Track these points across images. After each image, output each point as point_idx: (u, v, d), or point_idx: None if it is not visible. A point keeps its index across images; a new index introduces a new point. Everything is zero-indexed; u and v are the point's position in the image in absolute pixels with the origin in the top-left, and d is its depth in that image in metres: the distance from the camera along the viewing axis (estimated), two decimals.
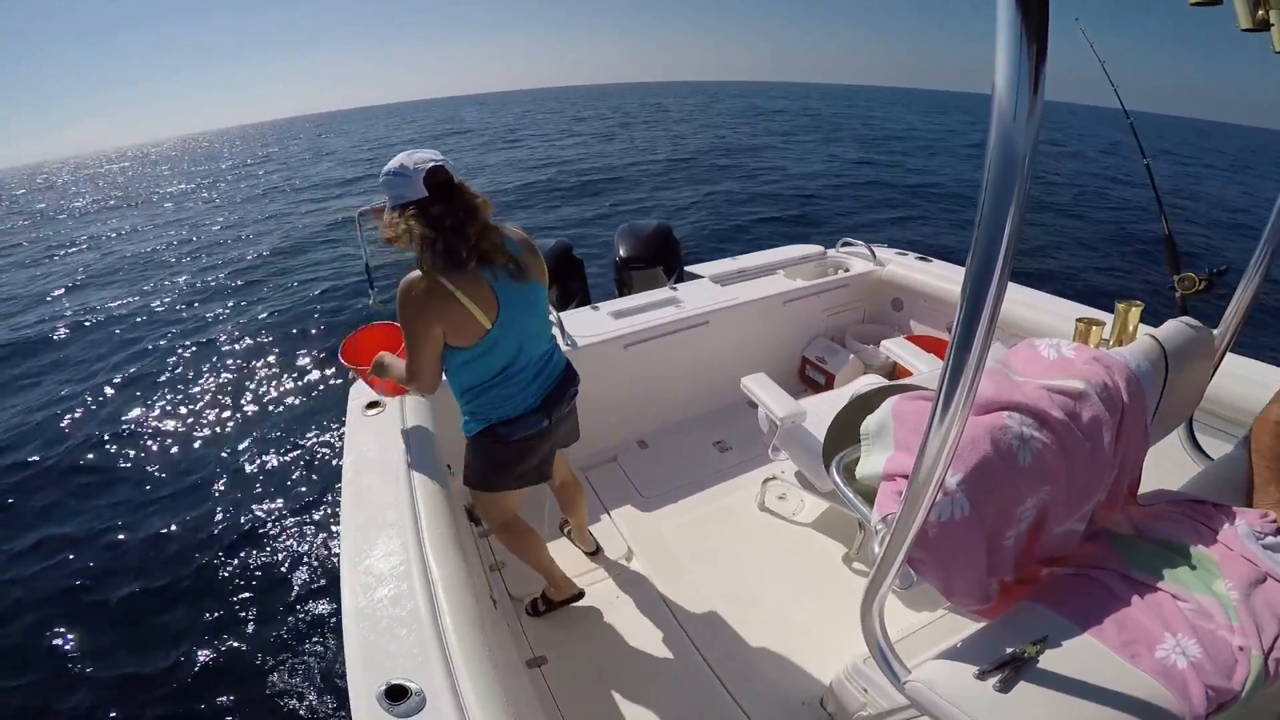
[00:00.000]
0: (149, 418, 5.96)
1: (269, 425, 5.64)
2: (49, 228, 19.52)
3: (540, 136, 30.70)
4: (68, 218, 21.73)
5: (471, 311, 1.64)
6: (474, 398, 1.86)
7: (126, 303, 9.61)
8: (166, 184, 29.03)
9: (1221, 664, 1.09)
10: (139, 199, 24.42)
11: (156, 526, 4.39)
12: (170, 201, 22.39)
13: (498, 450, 1.92)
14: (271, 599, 3.66)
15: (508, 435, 1.86)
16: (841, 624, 2.14)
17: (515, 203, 14.04)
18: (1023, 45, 0.62)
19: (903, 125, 35.58)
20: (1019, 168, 0.67)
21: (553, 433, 1.98)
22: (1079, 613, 1.19)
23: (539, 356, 1.88)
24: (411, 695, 1.23)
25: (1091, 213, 10.94)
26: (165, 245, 13.86)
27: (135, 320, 8.82)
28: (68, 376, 7.09)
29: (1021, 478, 1.20)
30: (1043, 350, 1.48)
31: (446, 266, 1.62)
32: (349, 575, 1.58)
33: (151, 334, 8.15)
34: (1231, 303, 1.68)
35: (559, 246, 3.82)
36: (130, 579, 3.93)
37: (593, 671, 2.11)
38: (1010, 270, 0.73)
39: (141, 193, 26.60)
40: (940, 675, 1.11)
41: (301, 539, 4.11)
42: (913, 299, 3.63)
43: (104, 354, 7.62)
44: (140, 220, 18.51)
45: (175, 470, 5.11)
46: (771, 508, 2.72)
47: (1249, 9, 1.17)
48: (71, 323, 8.85)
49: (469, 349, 1.72)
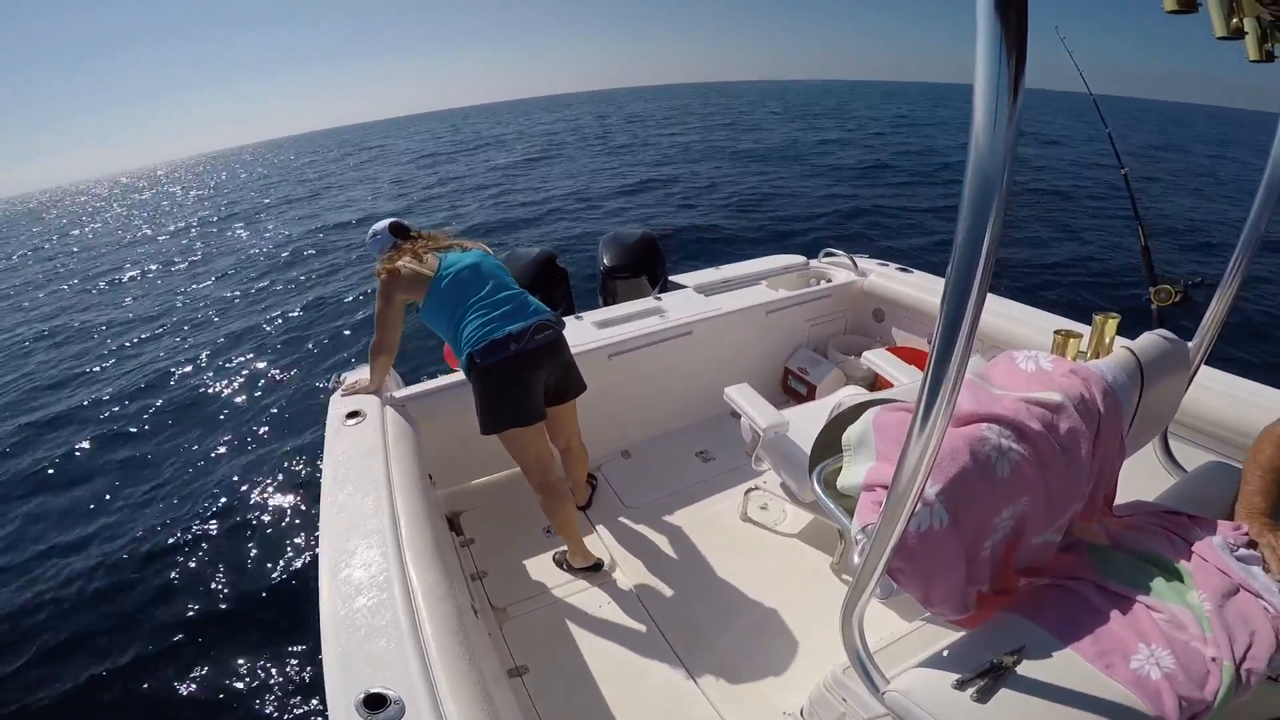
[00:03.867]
0: (122, 425, 5.88)
1: (248, 435, 5.58)
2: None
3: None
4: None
5: (420, 271, 2.30)
6: (453, 333, 2.29)
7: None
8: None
9: (1194, 675, 1.10)
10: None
11: (129, 534, 4.32)
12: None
13: (485, 381, 2.24)
14: (250, 607, 3.60)
15: (483, 360, 2.18)
16: (823, 634, 2.14)
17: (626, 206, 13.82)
18: (1002, 55, 0.63)
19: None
20: (998, 179, 0.68)
21: (533, 365, 2.27)
22: (1056, 623, 1.20)
23: (494, 301, 2.28)
24: (390, 704, 1.22)
25: (1071, 220, 11.07)
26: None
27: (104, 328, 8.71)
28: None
29: (999, 489, 1.21)
30: (1021, 363, 1.50)
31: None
32: (328, 584, 1.56)
33: (123, 340, 8.06)
34: (1206, 315, 1.71)
35: (542, 255, 3.81)
36: (100, 586, 3.86)
37: (574, 681, 2.10)
38: (989, 282, 0.73)
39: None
40: (919, 685, 1.11)
41: (281, 548, 4.05)
42: (894, 310, 3.66)
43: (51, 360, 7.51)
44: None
45: (152, 477, 5.04)
46: (754, 518, 2.72)
47: (1224, 18, 1.19)
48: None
49: (428, 295, 2.30)
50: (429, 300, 2.31)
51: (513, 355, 2.20)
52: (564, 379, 2.44)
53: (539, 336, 2.25)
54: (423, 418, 2.44)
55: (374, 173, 28.27)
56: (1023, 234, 10.01)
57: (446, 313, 2.29)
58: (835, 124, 32.07)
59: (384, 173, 27.55)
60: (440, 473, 2.72)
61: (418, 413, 2.44)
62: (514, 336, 2.20)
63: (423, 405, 2.55)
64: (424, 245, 2.39)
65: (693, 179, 16.24)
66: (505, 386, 2.25)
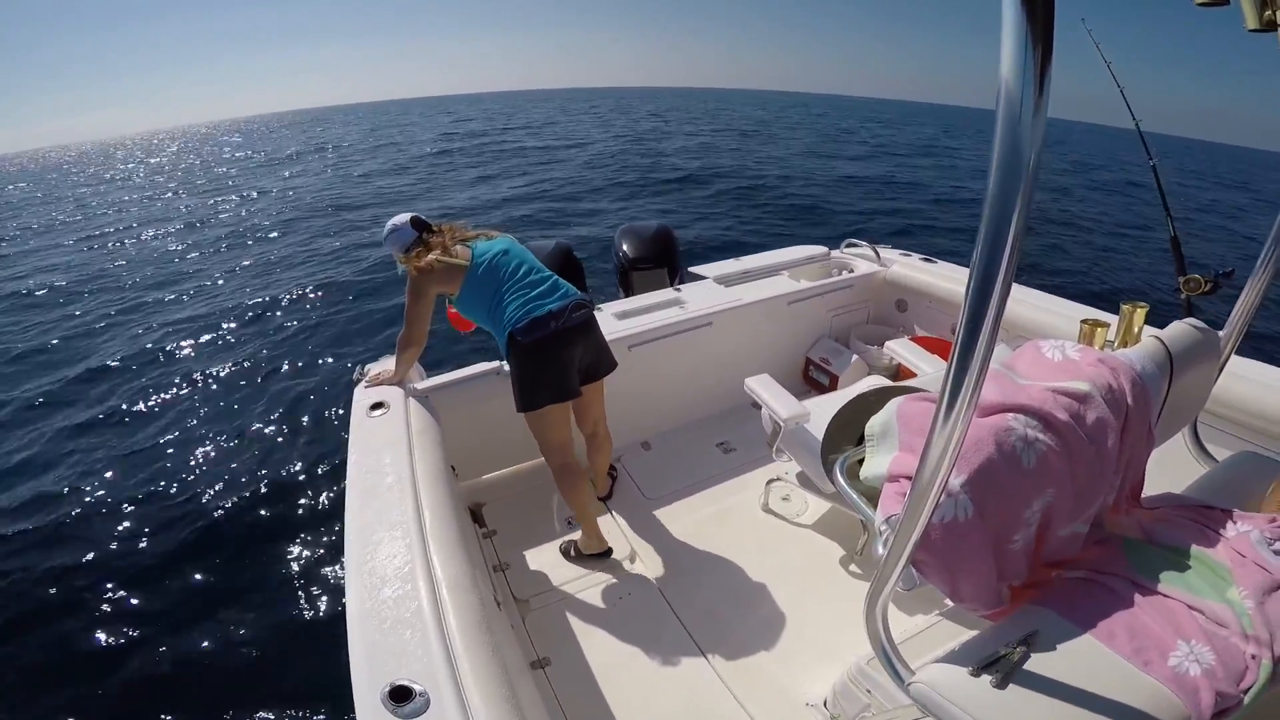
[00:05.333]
0: (144, 413, 5.99)
1: (273, 426, 5.65)
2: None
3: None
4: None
5: (454, 263, 2.33)
6: (491, 317, 2.33)
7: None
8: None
9: (1233, 671, 1.09)
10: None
11: (150, 526, 4.40)
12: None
13: (525, 358, 2.27)
14: (275, 599, 3.65)
15: (525, 337, 2.23)
16: (845, 625, 2.14)
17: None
18: (1028, 46, 0.62)
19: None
20: (1024, 168, 0.67)
21: (571, 342, 2.32)
22: (1088, 617, 1.18)
23: (530, 282, 2.33)
24: (415, 696, 1.23)
25: (1097, 214, 10.86)
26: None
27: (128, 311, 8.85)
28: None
29: (1026, 480, 1.20)
30: (1047, 352, 1.48)
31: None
32: (353, 576, 1.58)
33: (141, 327, 8.18)
34: (1237, 304, 1.67)
35: (560, 247, 3.82)
36: (124, 577, 3.94)
37: (596, 672, 2.11)
38: (1015, 271, 0.73)
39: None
40: (944, 676, 1.11)
41: (306, 540, 4.10)
42: (917, 300, 3.62)
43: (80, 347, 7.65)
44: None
45: (177, 470, 5.12)
46: (775, 509, 2.72)
47: (1256, 9, 1.17)
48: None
49: (465, 285, 2.34)
50: (466, 289, 2.35)
51: (553, 333, 2.24)
52: (597, 357, 2.48)
53: (576, 314, 2.30)
54: (445, 409, 2.46)
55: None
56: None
57: (485, 297, 2.33)
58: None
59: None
60: (462, 464, 2.74)
61: (440, 404, 2.46)
62: (554, 314, 2.25)
63: (445, 397, 2.57)
64: (451, 237, 2.41)
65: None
66: (546, 363, 2.29)
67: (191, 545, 4.18)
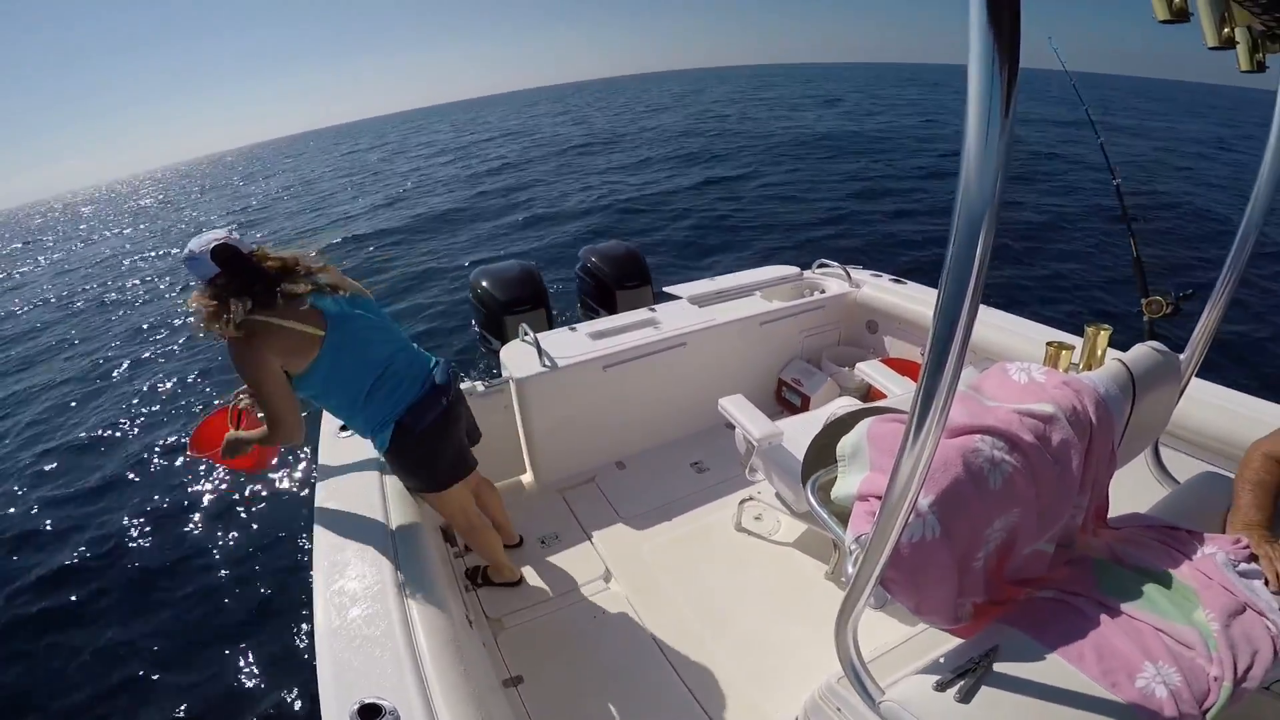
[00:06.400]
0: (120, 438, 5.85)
1: None
2: None
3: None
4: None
5: (297, 329, 1.74)
6: (366, 405, 1.92)
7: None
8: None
9: (1198, 692, 1.11)
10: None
11: (125, 548, 4.29)
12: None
13: (414, 448, 1.99)
14: (244, 620, 3.58)
15: (414, 424, 1.93)
16: (818, 643, 2.14)
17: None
18: (995, 70, 0.64)
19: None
20: (990, 193, 0.69)
21: (458, 416, 2.11)
22: (1056, 638, 1.20)
23: (407, 359, 2.00)
24: (385, 714, 1.22)
25: (1063, 229, 11.01)
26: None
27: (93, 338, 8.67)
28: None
29: (991, 500, 1.22)
30: (1013, 374, 1.51)
31: (254, 309, 1.71)
32: (322, 595, 1.56)
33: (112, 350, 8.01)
34: (1197, 328, 1.72)
35: (527, 269, 3.84)
36: (96, 598, 3.83)
37: (569, 691, 2.09)
38: (982, 294, 0.74)
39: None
40: (914, 694, 1.11)
41: (275, 561, 4.02)
42: (887, 321, 3.67)
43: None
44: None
45: (147, 490, 5.01)
46: (748, 528, 2.72)
47: (1215, 27, 1.21)
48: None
49: (315, 363, 1.79)
50: (318, 367, 1.81)
51: (444, 410, 2.03)
52: (471, 420, 2.30)
53: (455, 385, 2.13)
54: None
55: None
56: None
57: (352, 380, 1.89)
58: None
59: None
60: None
61: None
62: (440, 389, 2.03)
63: None
64: (292, 285, 1.78)
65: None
66: (435, 446, 2.05)
67: (156, 571, 4.09)
